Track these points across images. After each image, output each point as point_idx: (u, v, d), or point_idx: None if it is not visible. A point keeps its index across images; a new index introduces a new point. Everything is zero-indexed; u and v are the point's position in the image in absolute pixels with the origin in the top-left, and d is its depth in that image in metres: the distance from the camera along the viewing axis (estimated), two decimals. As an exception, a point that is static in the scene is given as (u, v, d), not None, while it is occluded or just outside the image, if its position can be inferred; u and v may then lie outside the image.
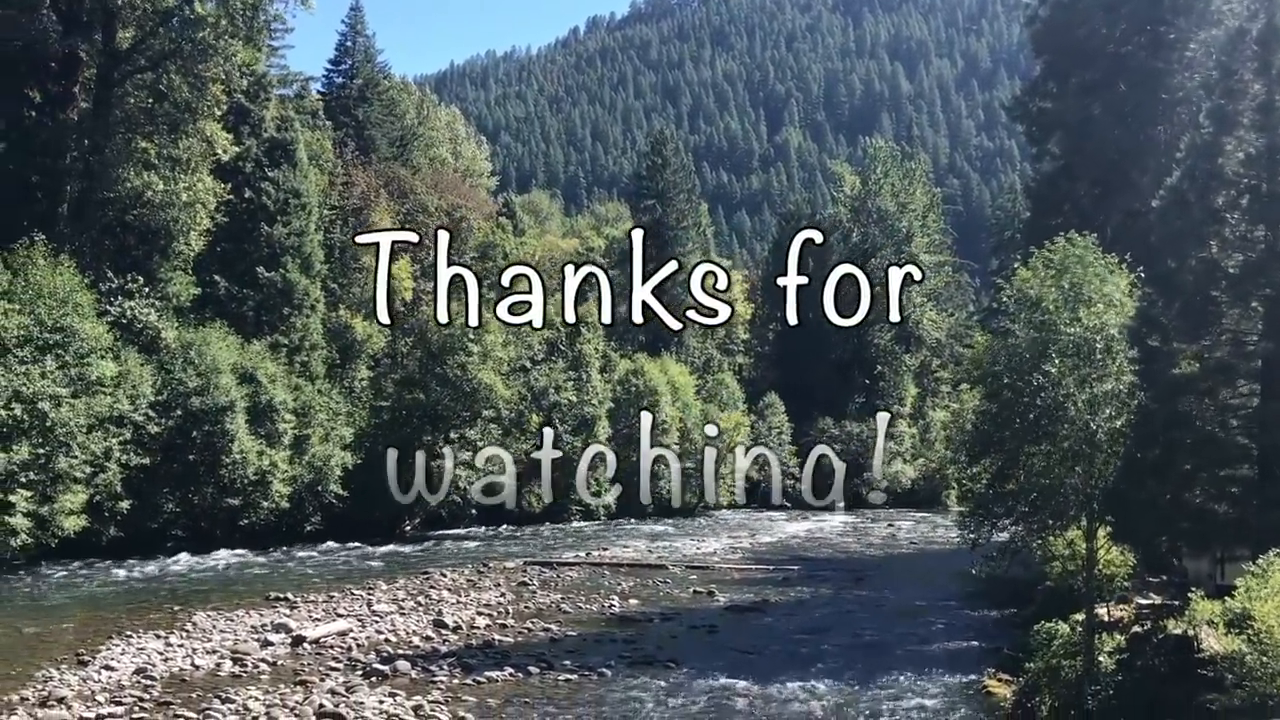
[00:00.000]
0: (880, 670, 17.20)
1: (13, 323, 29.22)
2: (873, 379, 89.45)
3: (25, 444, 28.17)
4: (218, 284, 40.49)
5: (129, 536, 32.49)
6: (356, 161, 54.82)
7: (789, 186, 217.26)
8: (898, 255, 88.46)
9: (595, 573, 31.02)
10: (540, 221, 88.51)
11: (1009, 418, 17.89)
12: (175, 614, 21.53)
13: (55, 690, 14.48)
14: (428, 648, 18.53)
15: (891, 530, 53.91)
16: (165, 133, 37.92)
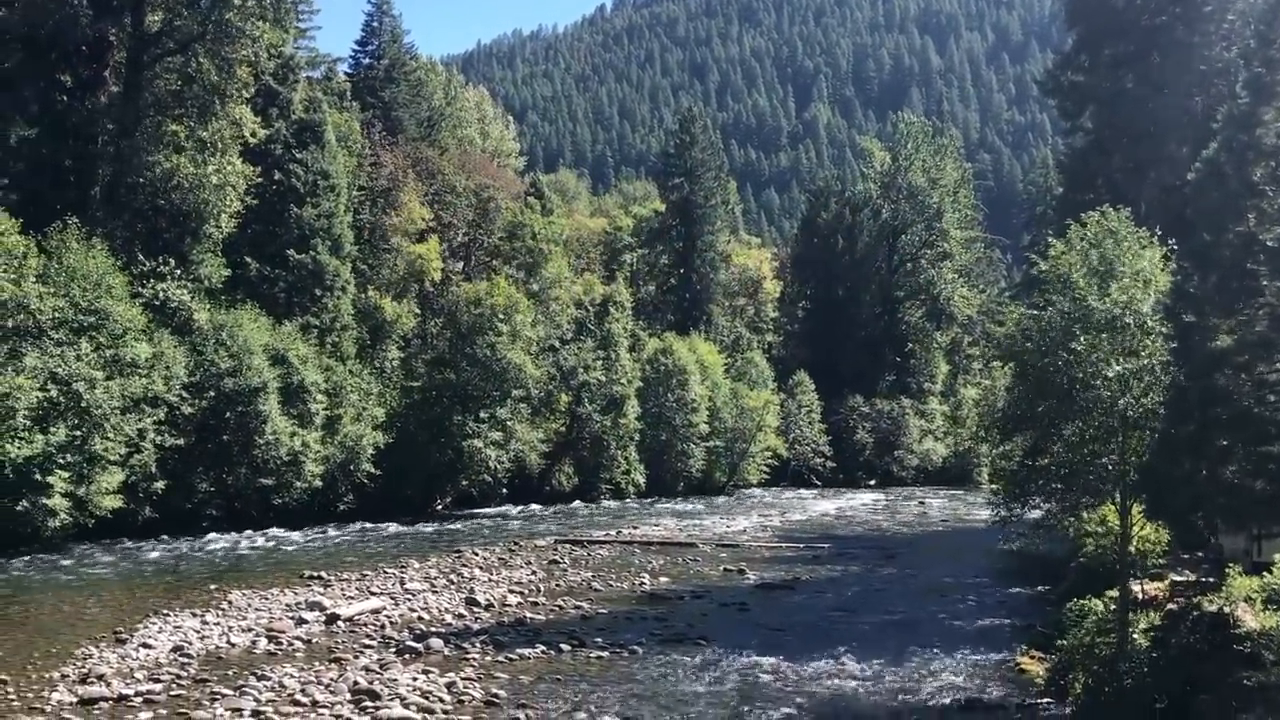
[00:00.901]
0: (911, 648, 17.16)
1: (48, 305, 29.54)
2: (903, 356, 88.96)
3: (62, 426, 28.53)
4: (249, 266, 40.74)
5: (164, 516, 32.89)
6: (384, 142, 54.87)
7: (818, 163, 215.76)
8: (928, 231, 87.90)
9: (626, 551, 31.10)
10: (568, 201, 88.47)
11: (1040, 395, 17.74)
12: (211, 593, 21.77)
13: (95, 668, 14.68)
14: (460, 625, 18.66)
15: (922, 508, 53.67)
16: (194, 115, 38.11)
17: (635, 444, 58.64)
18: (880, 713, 13.46)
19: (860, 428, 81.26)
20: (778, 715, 13.09)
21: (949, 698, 14.18)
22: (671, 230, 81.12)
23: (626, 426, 57.10)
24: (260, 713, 12.56)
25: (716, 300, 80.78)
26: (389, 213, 51.10)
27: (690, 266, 79.46)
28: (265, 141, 41.40)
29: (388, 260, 50.07)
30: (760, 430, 68.57)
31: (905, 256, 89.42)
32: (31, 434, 27.55)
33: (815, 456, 77.65)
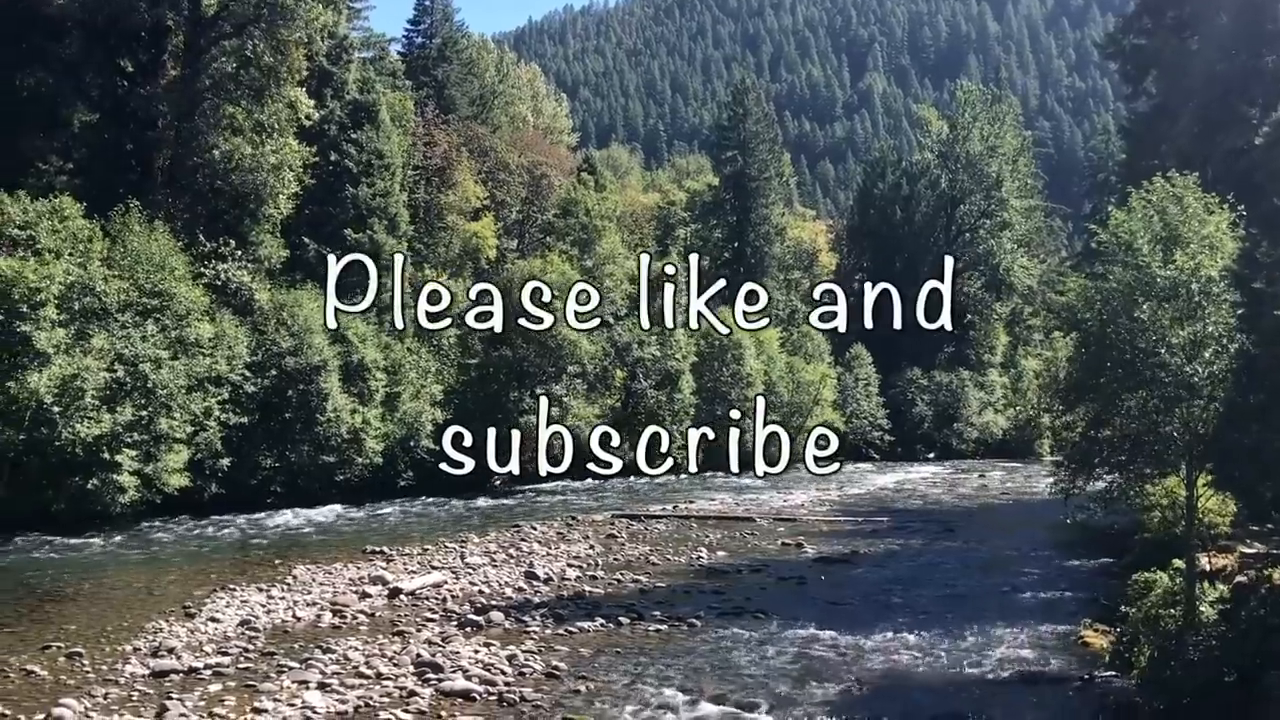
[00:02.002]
0: (972, 620, 17.02)
1: (113, 288, 30.14)
2: (962, 328, 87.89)
3: (129, 405, 29.16)
4: (307, 246, 41.22)
5: (230, 493, 33.51)
6: (437, 121, 55.19)
7: (873, 134, 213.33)
8: (987, 201, 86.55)
9: (683, 525, 31.16)
10: (620, 176, 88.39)
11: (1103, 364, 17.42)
12: (276, 567, 22.17)
13: (165, 641, 15.03)
14: (520, 599, 18.83)
15: (982, 481, 53.13)
16: (251, 98, 38.54)
17: (690, 419, 58.63)
18: (940, 685, 13.38)
19: (919, 400, 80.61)
20: (837, 688, 13.07)
21: (1010, 670, 14.06)
22: (725, 204, 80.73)
23: (681, 402, 57.12)
24: (326, 685, 12.78)
25: (771, 273, 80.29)
26: (444, 191, 51.47)
27: (744, 240, 79.07)
28: (320, 122, 41.83)
29: (443, 239, 50.46)
30: (817, 404, 68.23)
31: (964, 227, 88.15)
32: (100, 414, 28.18)
33: (873, 430, 77.17)
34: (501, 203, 58.24)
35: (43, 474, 28.04)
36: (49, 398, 27.06)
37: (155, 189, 37.27)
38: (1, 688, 12.67)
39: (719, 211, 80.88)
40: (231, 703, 12.09)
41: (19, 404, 26.92)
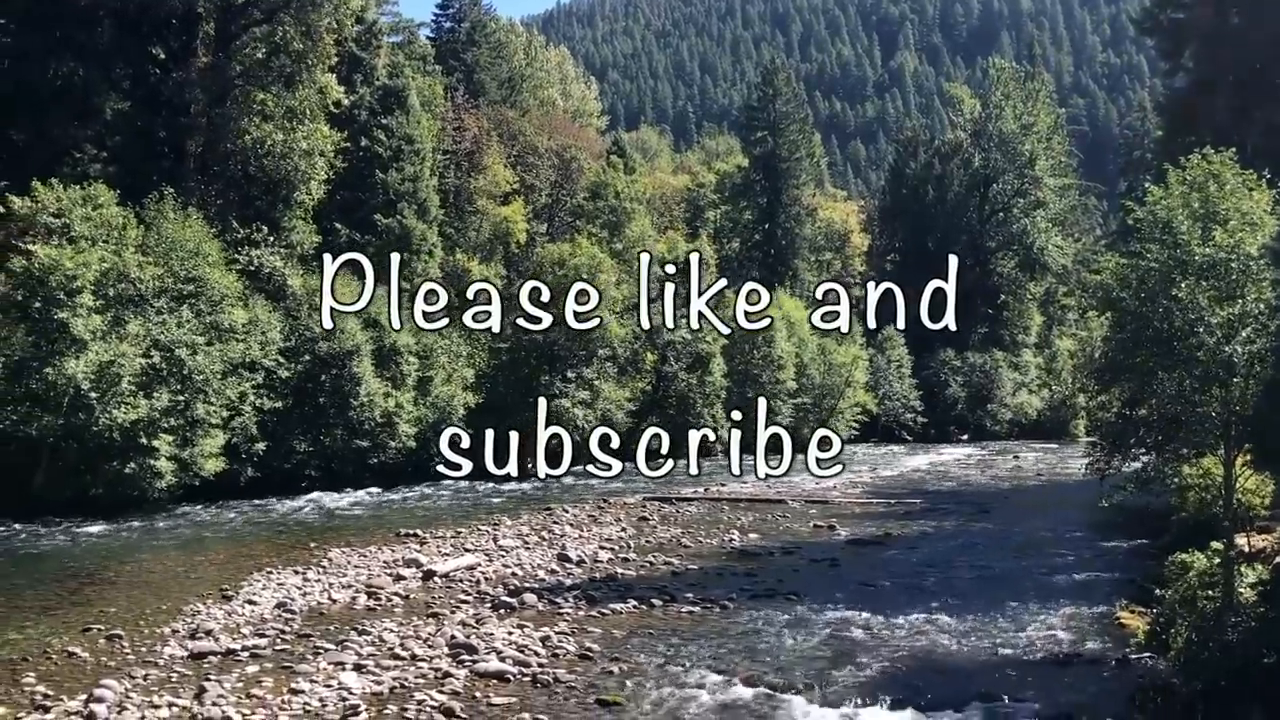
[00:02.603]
0: (1007, 602, 16.92)
1: (148, 274, 30.44)
2: (996, 308, 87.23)
3: (165, 391, 29.47)
4: (338, 231, 41.45)
5: (265, 477, 33.85)
6: (467, 106, 55.27)
7: (905, 113, 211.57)
8: (1020, 180, 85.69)
9: (714, 508, 31.17)
10: (650, 159, 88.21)
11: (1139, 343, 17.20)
12: (311, 550, 22.38)
13: (203, 623, 15.20)
14: (552, 581, 18.90)
15: (1016, 462, 52.78)
16: (281, 84, 38.77)
17: (721, 401, 58.58)
18: (975, 666, 13.31)
19: (952, 382, 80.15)
20: (870, 669, 13.04)
21: (1045, 651, 13.97)
22: (755, 185, 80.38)
23: (713, 384, 57.06)
24: (362, 666, 12.89)
25: (802, 255, 79.96)
26: (473, 176, 51.57)
27: (775, 221, 78.73)
28: (351, 108, 42.02)
29: (473, 223, 50.59)
30: (849, 386, 67.99)
31: (997, 206, 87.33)
32: (136, 399, 28.51)
33: (906, 412, 76.86)
34: (531, 187, 58.30)
35: (81, 459, 28.42)
36: (86, 384, 27.39)
37: (188, 176, 37.58)
38: (44, 668, 12.87)
39: (749, 193, 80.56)
40: (269, 684, 12.21)
41: (57, 390, 27.27)
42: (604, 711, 11.39)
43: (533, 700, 11.75)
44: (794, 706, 11.61)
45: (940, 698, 11.74)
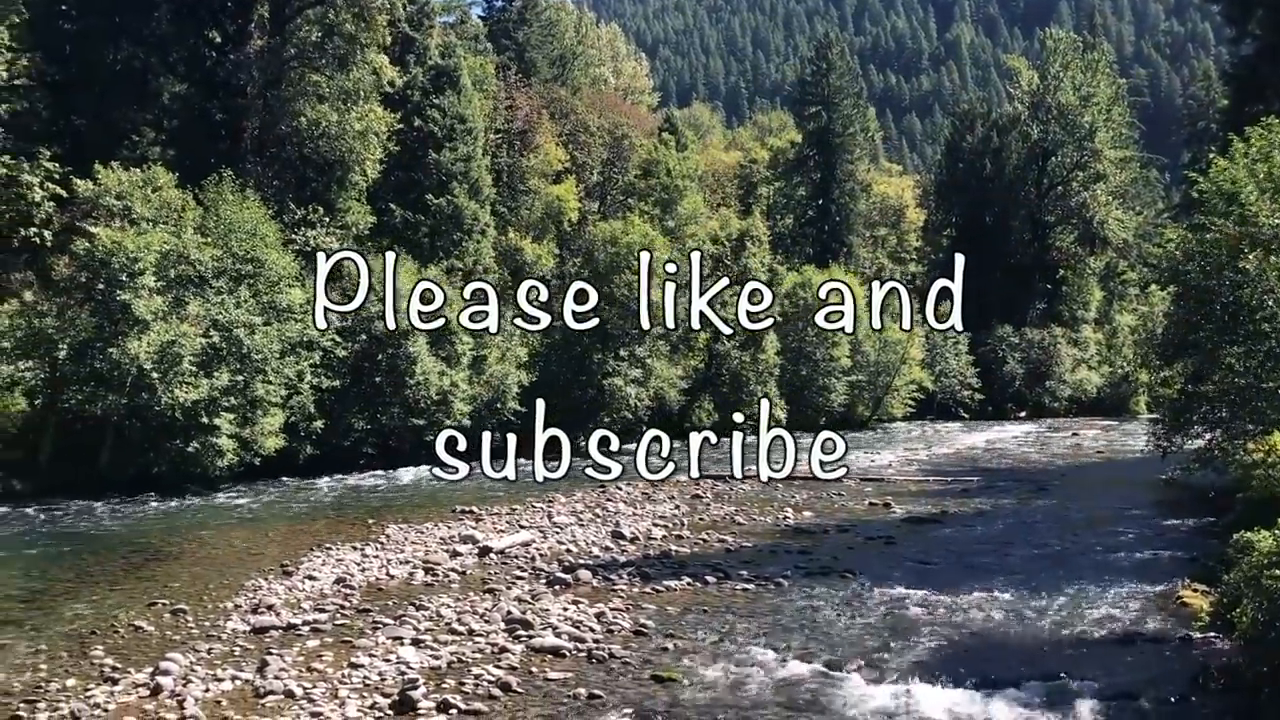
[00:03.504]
0: (1066, 580, 16.68)
1: (207, 256, 30.89)
2: (1054, 284, 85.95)
3: (225, 370, 29.95)
4: (393, 212, 41.75)
5: (323, 455, 34.34)
6: (518, 84, 55.31)
7: (961, 86, 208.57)
8: (1080, 152, 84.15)
9: (768, 486, 31.05)
10: (701, 135, 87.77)
11: (1203, 318, 16.86)
12: (369, 527, 22.66)
13: (265, 598, 15.45)
14: (607, 558, 18.96)
15: (1076, 439, 52.05)
16: (335, 65, 39.09)
17: (775, 379, 58.40)
18: (1033, 645, 13.15)
19: (1009, 358, 79.18)
20: (927, 647, 12.94)
21: (1106, 630, 13.76)
22: (809, 161, 79.74)
23: (766, 362, 56.89)
24: (420, 641, 13.02)
25: (857, 231, 79.28)
26: (525, 155, 51.65)
27: (829, 197, 78.09)
28: (403, 88, 42.23)
29: (525, 202, 50.70)
30: (904, 363, 67.45)
31: (1056, 179, 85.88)
32: (197, 379, 28.99)
33: (962, 389, 76.12)
34: (582, 165, 58.27)
35: (144, 438, 29.01)
36: (149, 364, 27.89)
37: (245, 158, 38.05)
38: (112, 642, 13.16)
39: (802, 169, 79.94)
40: (329, 658, 12.39)
41: (120, 370, 27.81)
42: (659, 687, 11.41)
43: (588, 675, 11.81)
44: (850, 684, 11.55)
45: (998, 676, 11.61)
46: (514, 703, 10.93)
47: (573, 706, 10.80)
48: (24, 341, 28.27)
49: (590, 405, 45.83)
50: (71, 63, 36.16)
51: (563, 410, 45.08)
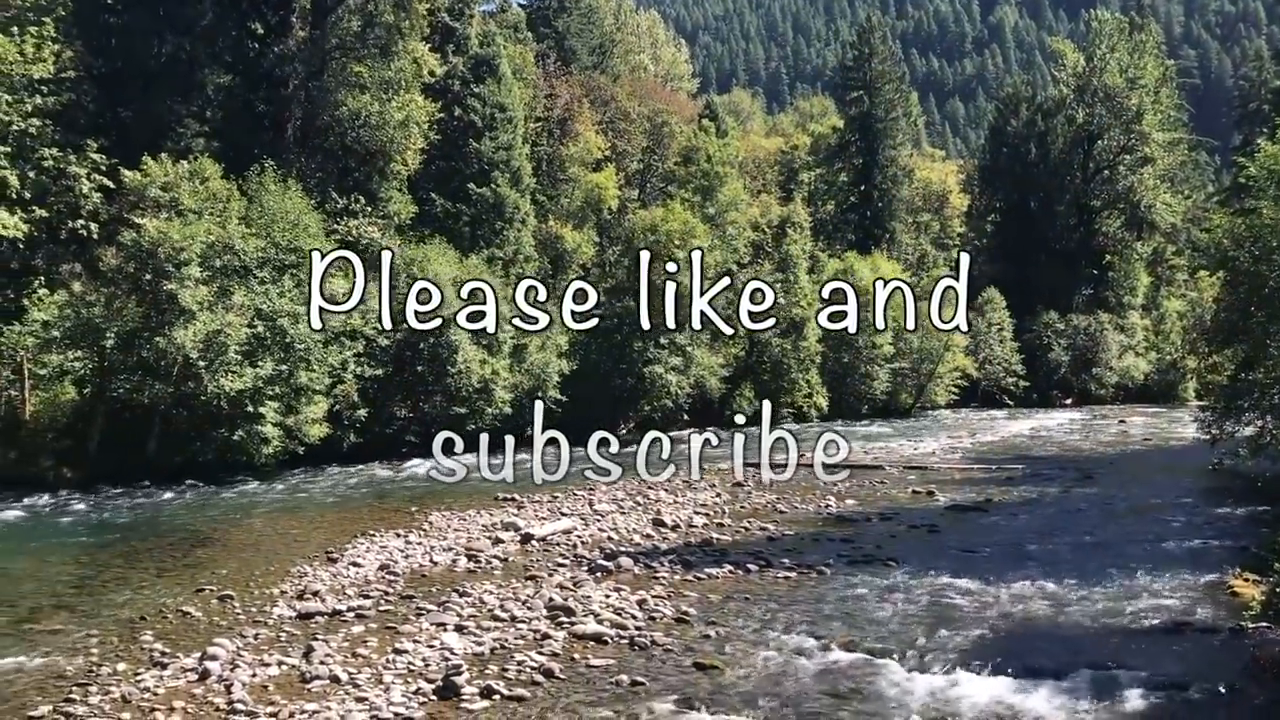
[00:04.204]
0: (1113, 569, 16.46)
1: (251, 246, 31.19)
2: (1101, 269, 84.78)
3: (269, 359, 30.26)
4: (434, 201, 41.94)
5: (367, 443, 34.65)
6: (558, 73, 55.29)
7: (1005, 69, 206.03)
8: (1127, 135, 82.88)
9: (809, 474, 30.90)
10: (742, 122, 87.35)
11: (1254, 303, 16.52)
12: (413, 514, 22.84)
13: (310, 584, 15.61)
14: (648, 545, 18.97)
15: (1123, 427, 51.37)
16: (376, 55, 39.25)
17: (817, 367, 58.13)
18: (1079, 634, 12.99)
19: (1055, 345, 78.30)
20: (971, 635, 12.82)
21: (1154, 620, 13.56)
22: (850, 146, 79.13)
23: (807, 349, 56.65)
24: (463, 627, 13.10)
25: (899, 217, 78.62)
26: (565, 143, 51.66)
27: (871, 183, 77.49)
28: (444, 78, 42.38)
29: (565, 190, 50.73)
30: (948, 350, 66.93)
31: (1102, 163, 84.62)
32: (242, 368, 29.33)
33: (1007, 376, 75.40)
34: (622, 153, 58.19)
35: (191, 426, 29.43)
36: (194, 353, 28.25)
37: (287, 148, 38.36)
38: (161, 627, 13.35)
39: (844, 154, 79.37)
40: (374, 644, 12.49)
41: (167, 359, 28.20)
42: (701, 675, 11.40)
43: (630, 662, 11.81)
44: (893, 672, 11.47)
45: (1043, 665, 11.49)
46: (556, 689, 10.96)
47: (615, 693, 10.82)
48: (73, 331, 28.73)
49: (630, 394, 45.87)
50: (117, 56, 36.59)
51: (603, 398, 45.19)
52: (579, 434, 20.24)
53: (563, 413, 42.14)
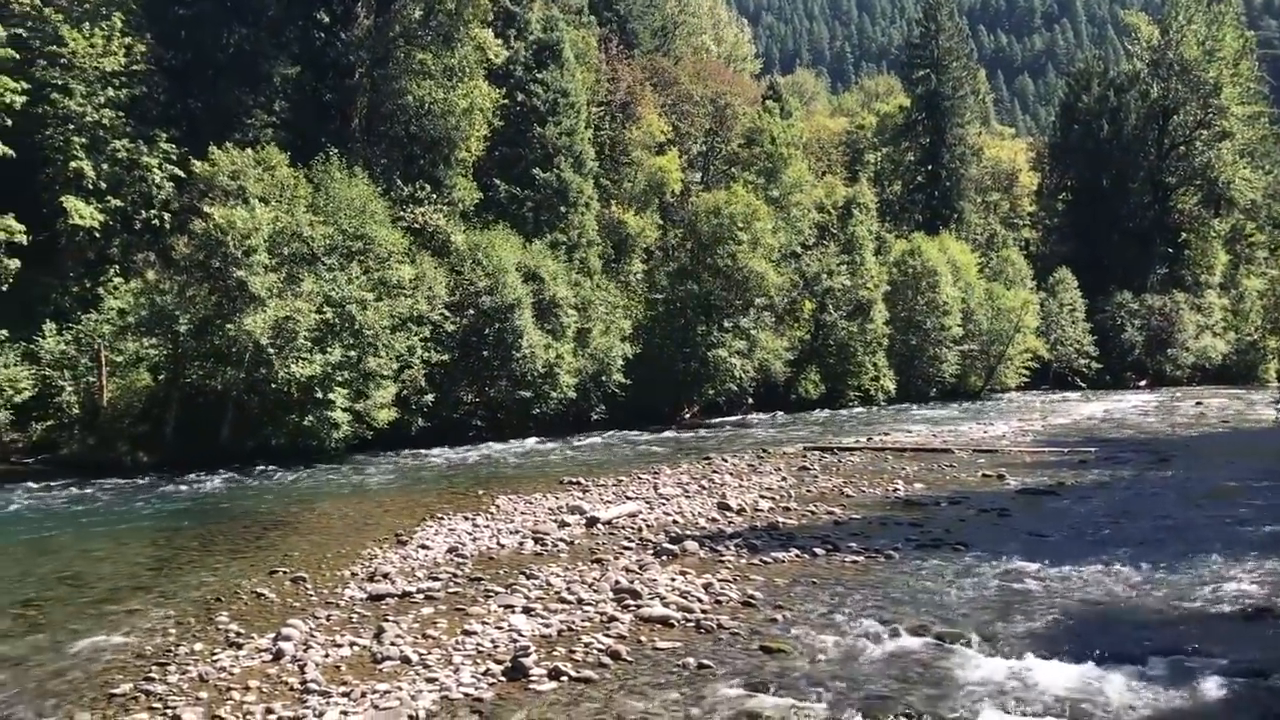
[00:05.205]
0: (1189, 553, 16.09)
1: (319, 233, 31.61)
2: (1176, 247, 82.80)
3: (338, 345, 30.68)
4: (498, 187, 42.15)
5: (434, 427, 35.03)
6: (620, 56, 55.15)
7: (1076, 44, 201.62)
8: (1204, 110, 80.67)
9: (877, 457, 30.66)
10: (806, 102, 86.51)
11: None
12: (480, 498, 23.03)
13: (380, 567, 15.82)
14: (713, 529, 18.92)
15: (1200, 409, 50.17)
16: (440, 43, 39.45)
17: (884, 349, 57.58)
18: (1155, 619, 12.71)
19: (1128, 325, 76.70)
20: (1043, 621, 12.61)
21: (1232, 605, 13.23)
22: (917, 126, 78.07)
23: (874, 332, 56.11)
24: (530, 609, 13.18)
25: (968, 196, 77.43)
26: (628, 127, 51.57)
27: (938, 163, 76.37)
28: (506, 63, 42.49)
29: (628, 174, 50.67)
30: (1018, 331, 65.90)
31: (1178, 139, 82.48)
32: (312, 354, 29.77)
33: (1079, 357, 74.08)
34: (685, 135, 57.94)
35: (263, 412, 29.96)
36: (265, 339, 28.73)
37: (353, 136, 38.79)
38: (236, 608, 13.62)
39: (911, 134, 78.32)
40: (443, 625, 12.61)
41: (238, 346, 28.72)
42: (768, 658, 11.35)
43: (697, 645, 11.80)
44: (963, 657, 11.32)
45: (1118, 651, 11.26)
46: (624, 671, 10.98)
47: (682, 676, 10.81)
48: (148, 319, 29.39)
49: (694, 378, 45.80)
50: (186, 48, 37.25)
51: (667, 382, 45.19)
52: (641, 418, 20.19)
53: (626, 397, 42.28)
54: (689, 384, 46.14)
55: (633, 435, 38.67)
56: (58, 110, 32.00)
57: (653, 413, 43.85)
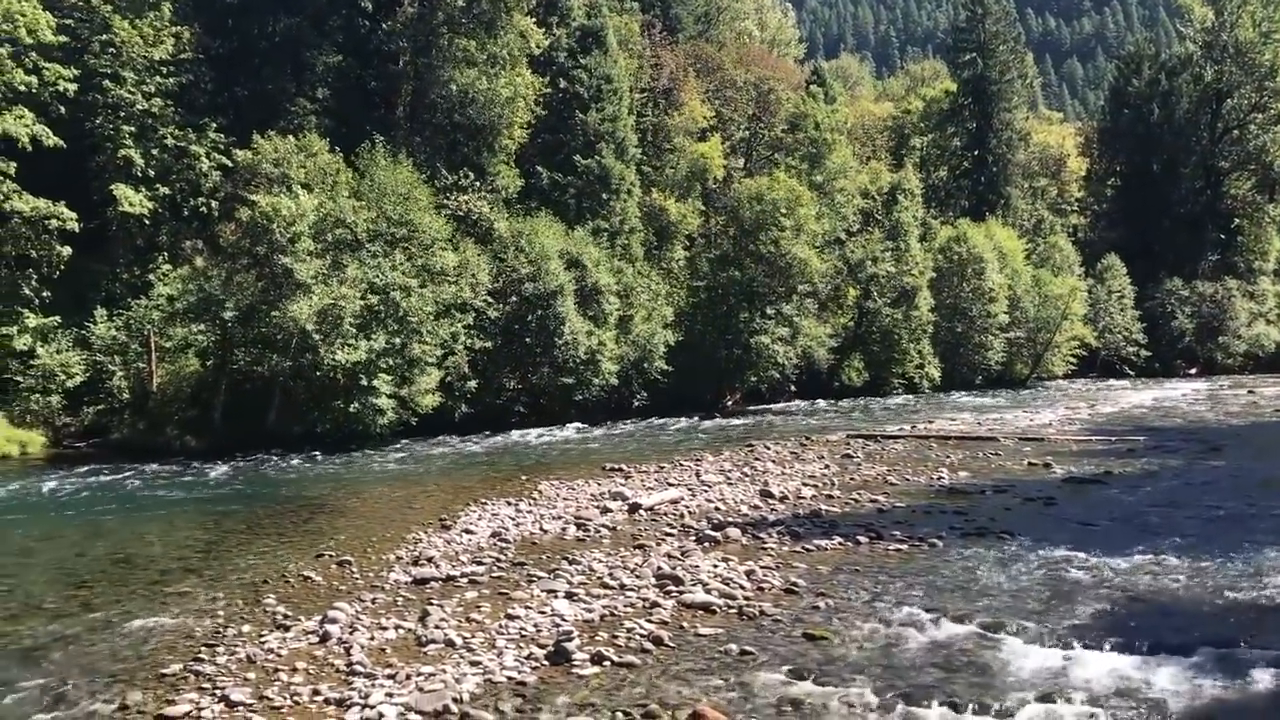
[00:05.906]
0: (1240, 544, 15.82)
1: (363, 219, 31.84)
2: (1228, 233, 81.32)
3: (382, 332, 30.92)
4: (540, 174, 42.22)
5: (477, 413, 35.24)
6: (663, 42, 54.98)
7: (1126, 27, 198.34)
8: (1259, 93, 79.08)
9: (921, 445, 30.43)
10: (850, 87, 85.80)
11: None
12: (523, 483, 23.14)
13: (425, 551, 15.95)
14: (755, 516, 18.87)
15: (1252, 397, 49.32)
16: (483, 30, 39.54)
17: (928, 337, 57.13)
18: (1205, 609, 12.52)
19: (1178, 313, 75.49)
20: (1090, 610, 12.45)
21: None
22: (964, 110, 77.18)
23: (919, 319, 55.67)
24: (573, 594, 13.23)
25: (1015, 182, 76.49)
26: (670, 113, 51.43)
27: (985, 148, 75.49)
28: (549, 50, 42.50)
29: (670, 161, 50.55)
30: (1065, 319, 65.10)
31: (1231, 123, 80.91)
32: (357, 340, 30.02)
33: (1127, 345, 73.09)
34: (728, 121, 57.69)
35: (309, 397, 30.29)
36: (310, 326, 29.00)
37: (397, 124, 39.02)
38: (283, 591, 13.79)
39: (957, 119, 77.46)
40: (487, 609, 12.69)
41: (285, 332, 29.02)
42: (811, 645, 11.31)
43: (739, 632, 11.79)
44: (1009, 646, 11.21)
45: (1167, 642, 11.10)
46: (666, 656, 11.00)
47: (724, 662, 10.80)
48: (195, 305, 29.78)
49: (736, 365, 45.68)
50: (233, 36, 37.61)
51: (709, 369, 45.11)
52: (683, 405, 20.16)
53: (668, 383, 42.28)
54: (731, 371, 46.03)
55: (674, 422, 38.65)
56: (108, 98, 32.45)
57: (694, 399, 43.82)
